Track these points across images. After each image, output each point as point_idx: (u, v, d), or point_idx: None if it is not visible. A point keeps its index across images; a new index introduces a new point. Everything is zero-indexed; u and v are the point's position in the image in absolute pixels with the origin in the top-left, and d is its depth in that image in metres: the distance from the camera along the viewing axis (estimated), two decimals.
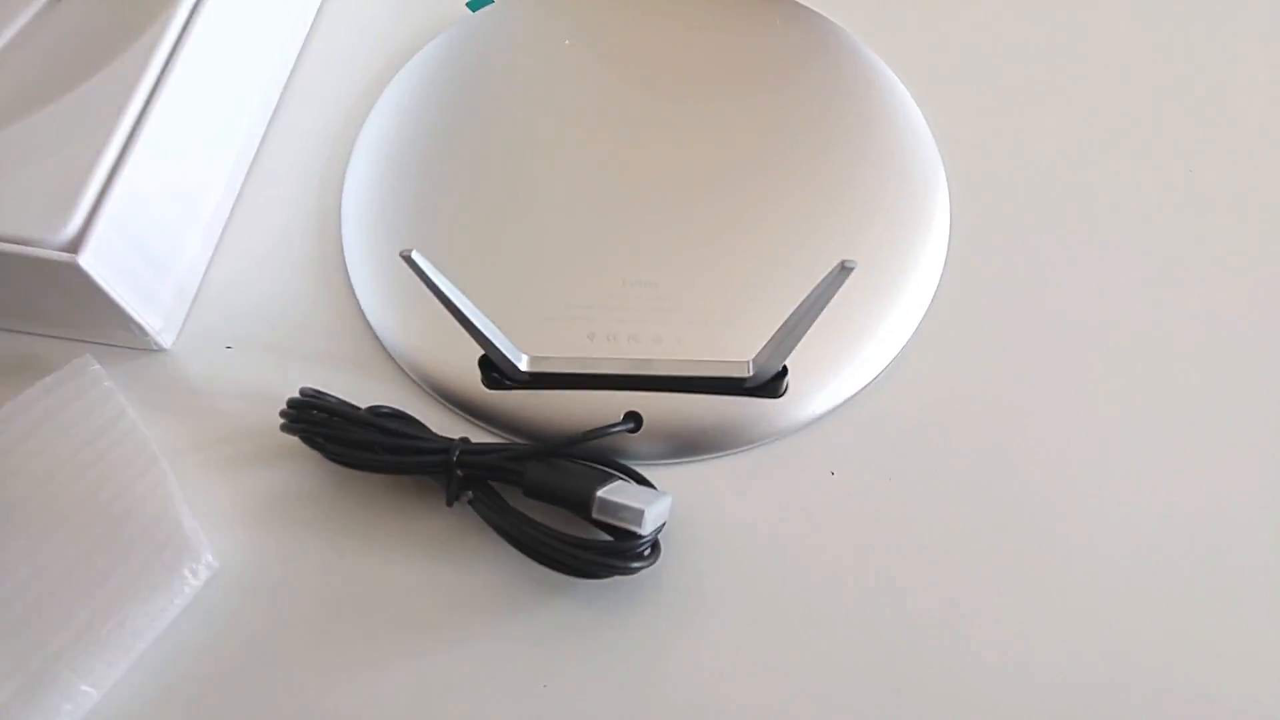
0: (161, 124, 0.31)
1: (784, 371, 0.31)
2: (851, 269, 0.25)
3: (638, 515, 0.27)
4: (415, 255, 0.25)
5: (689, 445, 0.32)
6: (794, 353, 0.30)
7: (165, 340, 0.33)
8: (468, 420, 0.33)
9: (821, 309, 0.27)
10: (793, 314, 0.28)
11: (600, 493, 0.27)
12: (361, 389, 0.33)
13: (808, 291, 0.27)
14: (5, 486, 0.29)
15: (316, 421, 0.30)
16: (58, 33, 0.34)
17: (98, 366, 0.32)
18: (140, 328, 0.32)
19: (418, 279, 0.27)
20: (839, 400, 0.32)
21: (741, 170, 0.36)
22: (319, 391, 0.31)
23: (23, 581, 0.28)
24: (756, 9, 0.40)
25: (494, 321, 0.29)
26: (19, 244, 0.28)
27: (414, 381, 0.33)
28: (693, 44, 0.39)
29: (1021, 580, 0.30)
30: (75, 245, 0.28)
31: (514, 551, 0.30)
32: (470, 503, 0.29)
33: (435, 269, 0.26)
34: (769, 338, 0.30)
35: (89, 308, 0.31)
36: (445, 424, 0.32)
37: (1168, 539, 0.30)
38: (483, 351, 0.31)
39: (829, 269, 0.33)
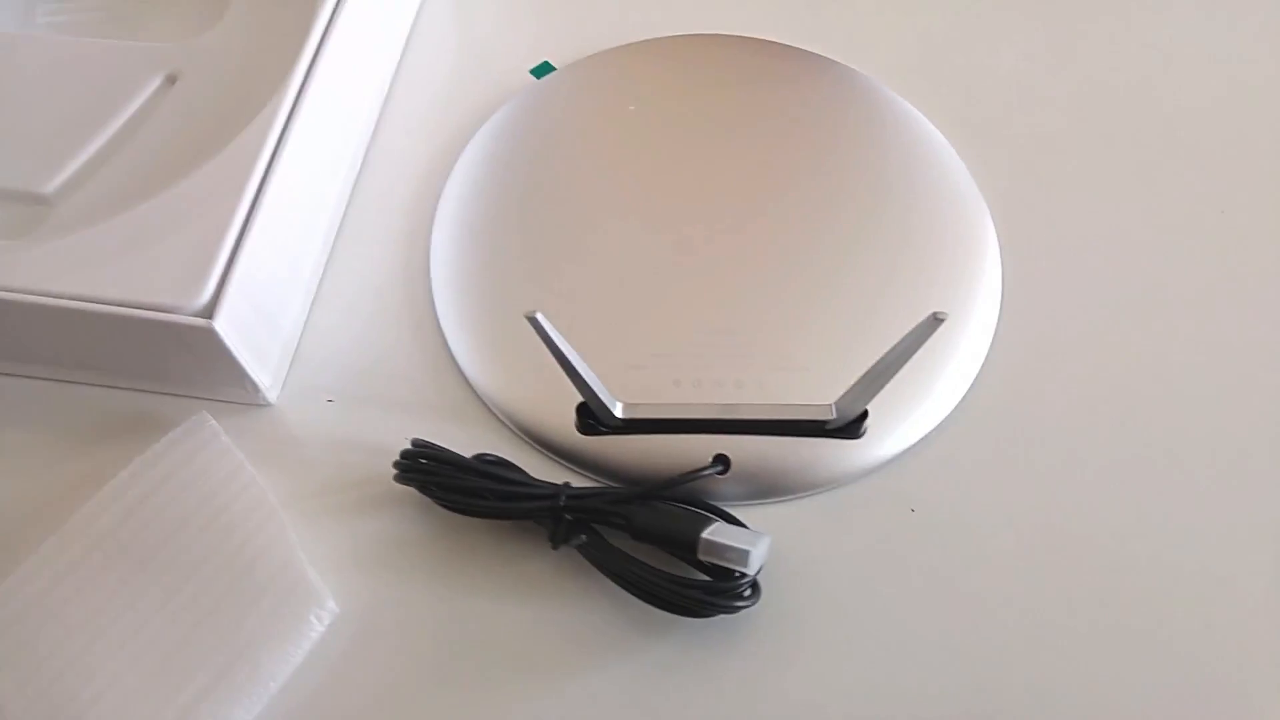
0: (276, 196, 0.33)
1: (864, 414, 0.33)
2: (942, 320, 0.26)
3: (743, 555, 0.28)
4: (539, 316, 0.27)
5: (773, 486, 0.33)
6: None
7: (272, 395, 0.35)
8: (562, 465, 0.34)
9: (909, 357, 0.29)
10: (879, 360, 0.29)
11: (705, 534, 0.29)
12: (459, 437, 0.34)
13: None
14: (138, 540, 0.31)
15: (427, 470, 0.32)
16: (175, 112, 0.36)
17: (214, 423, 0.33)
18: (255, 385, 0.33)
19: (510, 328, 0.28)
20: (913, 440, 0.34)
21: (805, 222, 0.38)
22: (428, 442, 0.32)
23: (159, 631, 0.29)
24: (805, 71, 0.43)
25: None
26: (158, 311, 0.30)
27: (508, 428, 0.35)
28: (749, 105, 0.41)
29: (1099, 608, 0.31)
30: (210, 311, 0.30)
31: (613, 591, 0.31)
32: (579, 546, 0.30)
33: (554, 329, 0.28)
34: (849, 382, 0.32)
35: (211, 368, 0.32)
36: (540, 468, 0.34)
37: (1235, 570, 0.32)
38: (579, 400, 0.33)
39: (893, 313, 0.35)
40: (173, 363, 0.33)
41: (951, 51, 0.44)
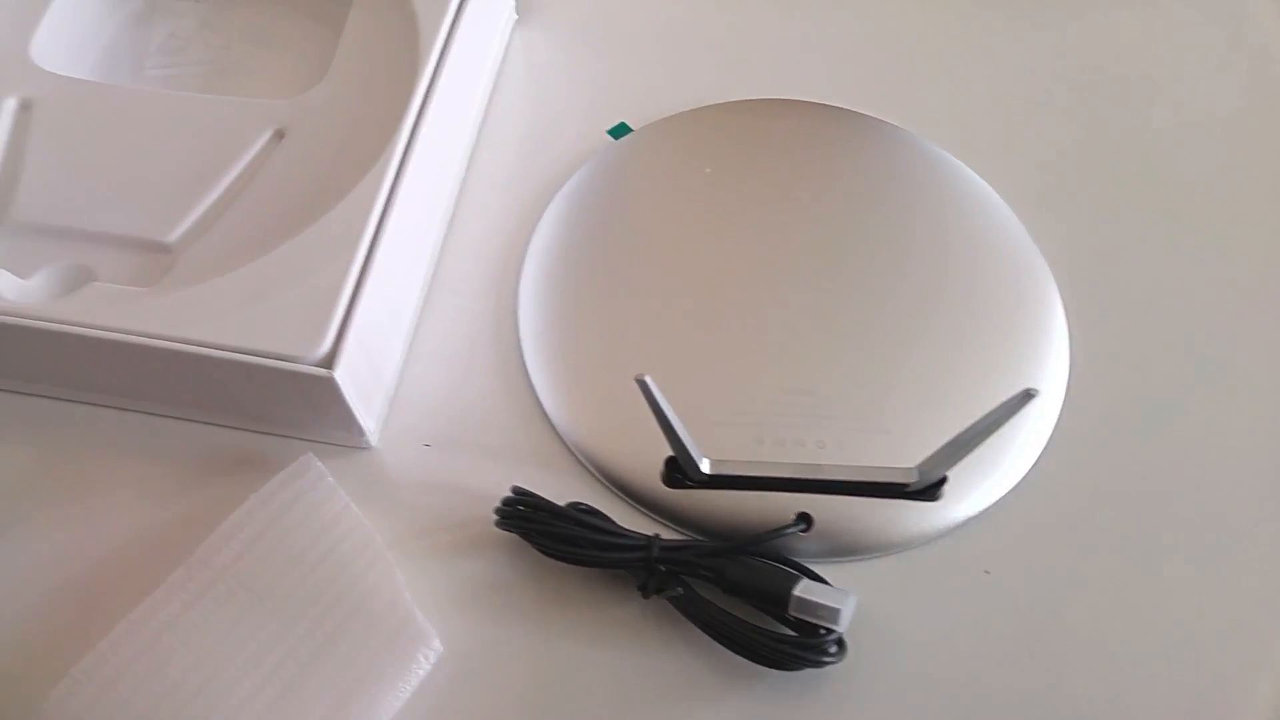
0: (386, 250, 0.36)
1: (944, 478, 0.35)
2: (1034, 395, 0.29)
3: (834, 613, 0.31)
4: (648, 380, 0.30)
5: (851, 545, 0.36)
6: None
7: (374, 440, 0.38)
8: (645, 514, 0.37)
9: (996, 429, 0.31)
10: (966, 430, 0.32)
11: (796, 591, 0.31)
12: (548, 483, 0.37)
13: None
14: (255, 575, 0.33)
15: (526, 517, 0.34)
16: (284, 166, 0.39)
17: (319, 464, 0.36)
18: (361, 430, 0.36)
19: (595, 380, 0.33)
20: (988, 503, 0.36)
21: (878, 286, 0.41)
22: (526, 490, 0.35)
23: (278, 662, 0.31)
24: (875, 137, 0.45)
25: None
26: (281, 360, 0.33)
27: (594, 476, 0.37)
28: (822, 169, 0.44)
29: (1173, 673, 0.33)
30: (329, 361, 0.33)
31: (698, 639, 0.33)
32: (673, 598, 0.33)
33: (660, 392, 0.30)
34: (926, 444, 0.34)
35: (321, 412, 0.35)
36: (624, 516, 0.36)
37: None
38: (665, 452, 0.35)
39: (966, 378, 0.37)
40: (283, 406, 0.36)
41: (1018, 122, 0.47)
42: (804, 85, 0.47)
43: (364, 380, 0.35)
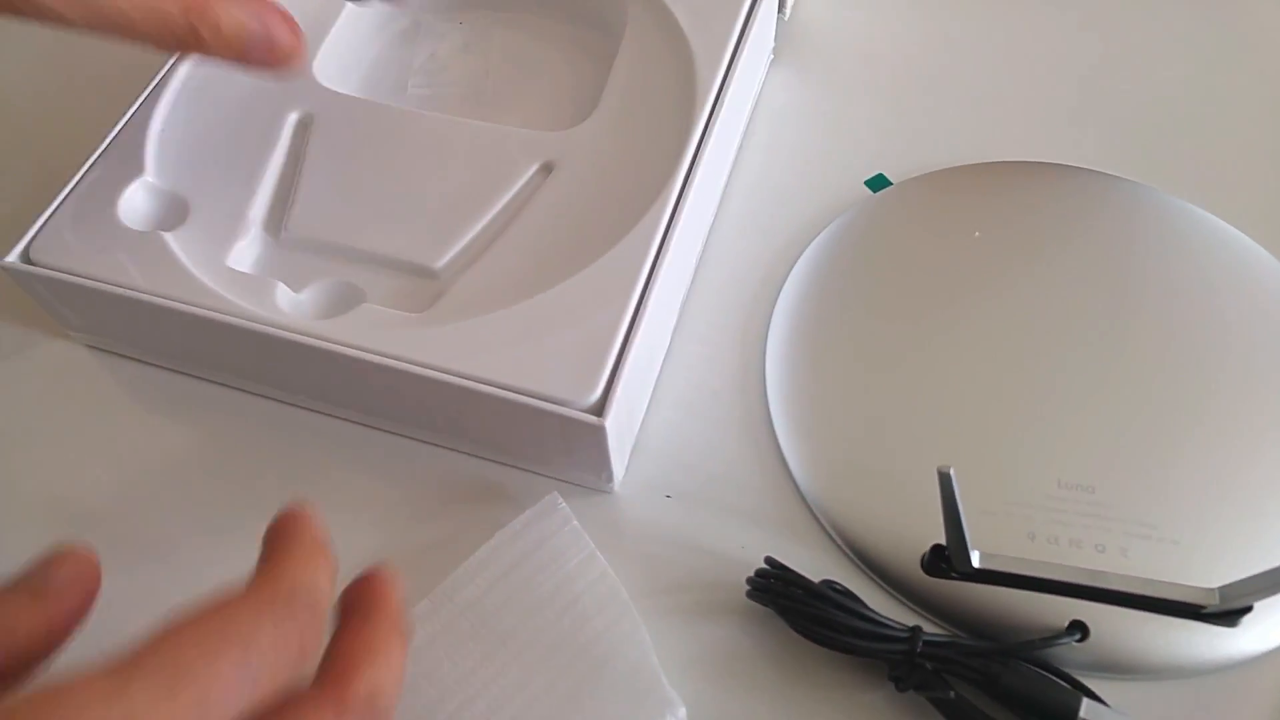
0: (657, 297, 0.36)
1: (1249, 606, 0.33)
2: None
3: None
4: (952, 474, 0.29)
5: (1126, 663, 0.34)
6: None
7: (616, 485, 0.38)
8: (898, 600, 0.36)
9: None
10: None
11: (1084, 714, 0.30)
12: (792, 553, 0.36)
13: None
14: (499, 615, 0.34)
15: (778, 591, 0.34)
16: (551, 202, 0.40)
17: (565, 506, 0.37)
18: (610, 475, 0.37)
19: (848, 449, 0.33)
20: None
21: (1164, 376, 0.38)
22: (780, 563, 0.34)
23: (520, 710, 0.32)
24: (1156, 212, 0.43)
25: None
26: (553, 403, 0.34)
27: (840, 550, 0.37)
28: (1097, 242, 0.42)
29: None
30: (600, 408, 0.34)
31: None
32: (940, 699, 0.32)
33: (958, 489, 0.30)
34: (1220, 561, 0.32)
35: (575, 454, 0.36)
36: (874, 600, 0.35)
37: None
38: (929, 537, 0.34)
39: (1271, 491, 0.34)
40: (535, 444, 0.37)
41: None
42: (1071, 149, 0.46)
43: (621, 426, 0.36)
